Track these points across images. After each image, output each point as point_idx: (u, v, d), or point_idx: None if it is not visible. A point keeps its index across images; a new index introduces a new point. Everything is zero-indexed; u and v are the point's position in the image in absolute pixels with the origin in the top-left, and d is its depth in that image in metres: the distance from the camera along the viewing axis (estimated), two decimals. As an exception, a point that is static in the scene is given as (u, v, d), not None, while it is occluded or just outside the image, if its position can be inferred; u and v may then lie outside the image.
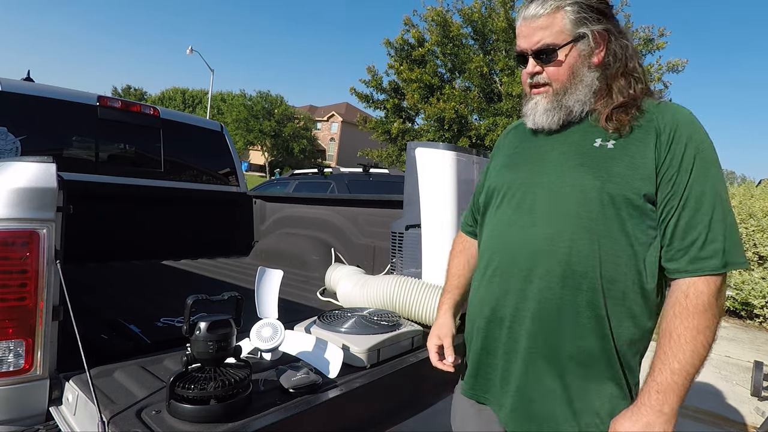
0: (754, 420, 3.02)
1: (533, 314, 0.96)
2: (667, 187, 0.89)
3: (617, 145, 0.94)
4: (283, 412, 1.03)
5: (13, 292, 1.09)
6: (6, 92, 2.48)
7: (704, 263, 0.86)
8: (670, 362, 0.84)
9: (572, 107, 1.00)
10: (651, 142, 0.91)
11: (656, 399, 0.83)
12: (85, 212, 1.76)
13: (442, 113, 12.77)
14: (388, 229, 2.21)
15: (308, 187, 5.68)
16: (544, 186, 0.99)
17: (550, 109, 1.01)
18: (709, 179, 0.89)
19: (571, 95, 1.00)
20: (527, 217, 0.99)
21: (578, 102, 1.00)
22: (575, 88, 1.00)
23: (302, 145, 36.78)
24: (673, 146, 0.90)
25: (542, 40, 0.99)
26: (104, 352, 1.27)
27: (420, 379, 1.45)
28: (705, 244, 0.86)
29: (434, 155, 1.97)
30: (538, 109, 1.03)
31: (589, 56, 1.00)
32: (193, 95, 48.00)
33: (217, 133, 3.50)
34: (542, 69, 1.01)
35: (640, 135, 0.93)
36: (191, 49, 22.30)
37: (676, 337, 0.84)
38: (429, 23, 13.60)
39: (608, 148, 0.94)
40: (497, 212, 1.07)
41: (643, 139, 0.92)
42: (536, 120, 1.03)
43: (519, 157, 1.11)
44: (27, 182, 1.11)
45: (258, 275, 1.40)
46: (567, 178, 0.96)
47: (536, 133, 1.09)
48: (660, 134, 0.91)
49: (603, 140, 0.96)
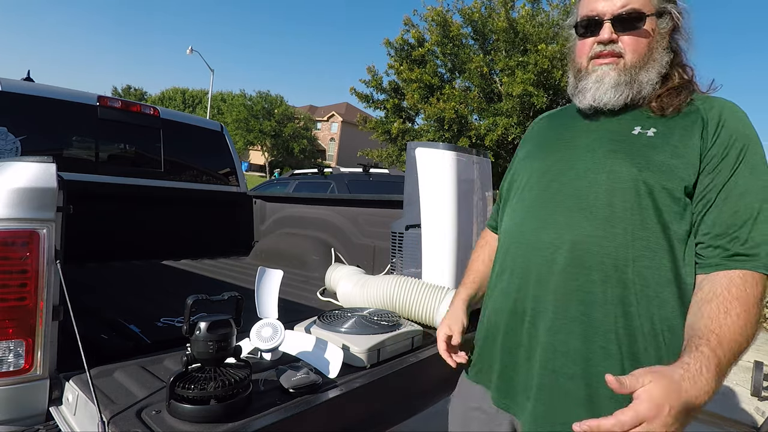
0: (754, 420, 3.02)
1: (555, 307, 0.88)
2: (709, 179, 0.82)
3: (658, 134, 0.87)
4: (283, 412, 1.03)
5: (13, 292, 1.09)
6: (6, 92, 2.48)
7: (749, 262, 0.77)
8: (729, 335, 0.72)
9: (643, 86, 0.90)
10: (697, 131, 0.84)
11: (701, 366, 0.69)
12: (85, 212, 1.76)
13: (442, 113, 12.76)
14: (388, 229, 2.21)
15: (308, 187, 5.68)
16: (572, 173, 0.91)
17: (620, 84, 0.90)
18: (761, 177, 0.81)
19: (646, 72, 0.90)
20: (551, 206, 0.92)
21: (649, 82, 0.90)
22: (650, 65, 0.90)
23: (302, 145, 36.77)
24: (720, 138, 0.83)
25: (629, 4, 0.89)
26: (104, 352, 1.27)
27: (420, 379, 1.45)
28: (748, 240, 0.78)
29: (434, 155, 1.97)
30: (605, 82, 0.91)
31: (666, 36, 0.92)
32: (193, 95, 47.99)
33: (217, 133, 3.50)
34: (618, 37, 0.91)
35: (686, 123, 0.86)
36: (191, 49, 22.30)
37: (734, 316, 0.74)
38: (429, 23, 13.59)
39: (648, 136, 0.87)
40: (518, 201, 1.01)
41: (689, 128, 0.85)
42: (599, 96, 0.91)
43: (545, 145, 1.03)
44: (27, 182, 1.11)
45: (258, 275, 1.40)
46: (599, 165, 0.88)
47: (569, 121, 1.01)
48: (707, 124, 0.85)
49: (643, 128, 0.89)
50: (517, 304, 0.96)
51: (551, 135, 1.04)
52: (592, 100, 0.92)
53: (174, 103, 45.99)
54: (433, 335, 1.63)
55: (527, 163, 1.03)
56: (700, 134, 0.84)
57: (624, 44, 0.90)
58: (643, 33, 0.90)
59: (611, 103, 0.91)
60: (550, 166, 0.96)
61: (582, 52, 0.96)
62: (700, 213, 0.83)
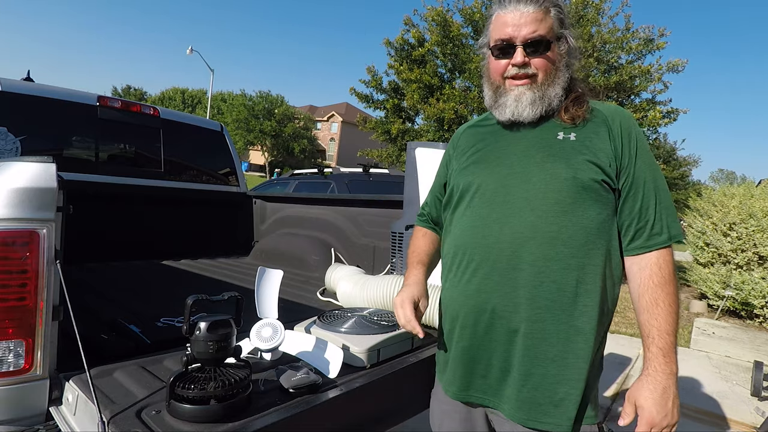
0: (754, 420, 3.02)
1: (529, 300, 0.99)
2: (624, 176, 1.01)
3: (578, 138, 1.03)
4: (283, 412, 1.03)
5: (13, 292, 1.09)
6: (6, 92, 2.48)
7: (658, 239, 0.99)
8: (665, 326, 0.94)
9: (552, 100, 1.06)
10: (604, 133, 1.03)
11: (665, 362, 0.93)
12: (85, 212, 1.76)
13: (442, 113, 12.76)
14: (388, 229, 2.20)
15: (308, 187, 5.68)
16: (518, 178, 1.04)
17: (535, 101, 1.05)
18: (652, 166, 1.03)
19: (553, 88, 1.06)
20: (504, 209, 1.03)
21: (556, 96, 1.06)
22: (556, 82, 1.06)
23: (302, 145, 36.79)
24: (623, 138, 1.03)
25: (537, 31, 1.03)
26: (104, 352, 1.27)
27: (420, 379, 1.44)
28: (655, 222, 0.99)
29: (434, 155, 1.97)
30: (523, 101, 1.06)
31: (564, 56, 1.08)
32: (192, 95, 48.01)
33: (217, 133, 3.50)
34: (529, 60, 1.04)
35: (594, 127, 1.04)
36: (191, 49, 22.30)
37: (662, 304, 0.95)
38: (429, 23, 13.58)
39: (571, 140, 1.03)
40: (468, 210, 1.10)
41: (597, 131, 1.04)
42: (518, 112, 1.06)
43: (483, 154, 1.14)
44: (27, 182, 1.11)
45: (258, 275, 1.40)
46: (541, 169, 1.02)
47: (495, 132, 1.15)
48: (610, 127, 1.04)
49: (564, 133, 1.05)
50: (484, 303, 1.04)
51: (483, 146, 1.15)
52: (511, 115, 1.07)
53: (174, 103, 46.00)
54: (434, 335, 1.63)
55: (469, 174, 1.13)
56: (608, 136, 1.03)
57: (535, 66, 1.05)
58: (549, 56, 1.05)
59: (530, 117, 1.06)
60: (494, 174, 1.08)
61: (497, 71, 1.09)
62: (623, 205, 1.02)
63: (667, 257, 0.99)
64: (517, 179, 1.04)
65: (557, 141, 1.04)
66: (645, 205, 1.00)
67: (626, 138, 1.03)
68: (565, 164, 1.00)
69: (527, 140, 1.08)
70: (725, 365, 4.11)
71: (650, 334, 0.95)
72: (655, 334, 0.95)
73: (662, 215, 1.00)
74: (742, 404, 3.26)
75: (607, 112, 1.07)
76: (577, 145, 1.02)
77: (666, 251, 0.99)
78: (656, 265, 0.98)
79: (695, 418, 2.98)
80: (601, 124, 1.04)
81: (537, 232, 0.99)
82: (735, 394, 3.44)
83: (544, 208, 0.99)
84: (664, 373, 0.93)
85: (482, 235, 1.05)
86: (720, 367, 4.05)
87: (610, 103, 1.16)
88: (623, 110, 1.08)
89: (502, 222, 1.03)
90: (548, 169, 1.01)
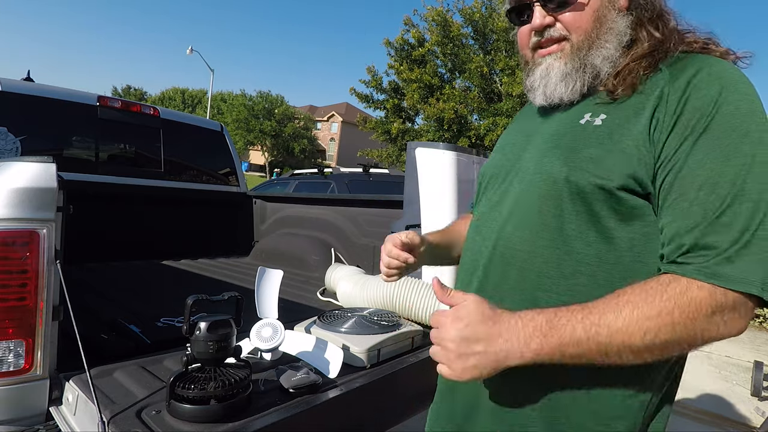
0: (754, 420, 3.02)
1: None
2: (663, 173, 0.63)
3: (607, 120, 0.70)
4: (283, 412, 1.03)
5: (13, 292, 1.09)
6: (6, 92, 2.47)
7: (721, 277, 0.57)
8: (615, 321, 0.58)
9: (599, 67, 0.74)
10: (649, 109, 0.66)
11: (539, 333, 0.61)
12: (85, 212, 1.76)
13: (442, 113, 12.77)
14: (388, 229, 2.20)
15: (308, 187, 5.68)
16: (518, 174, 0.78)
17: (570, 73, 0.74)
18: (736, 158, 0.59)
19: (599, 50, 0.73)
20: (496, 211, 0.80)
21: (607, 60, 0.73)
22: (603, 40, 0.73)
23: (302, 145, 36.78)
24: (679, 111, 0.63)
25: None
26: (104, 352, 1.27)
27: (420, 379, 1.45)
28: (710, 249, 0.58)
29: (434, 155, 1.97)
30: (552, 76, 0.76)
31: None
32: (192, 95, 48.01)
33: (217, 133, 3.50)
34: (554, 19, 0.75)
35: (640, 101, 0.68)
36: (191, 49, 22.30)
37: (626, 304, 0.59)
38: (429, 23, 13.59)
39: (594, 125, 0.71)
40: (478, 204, 0.90)
41: (641, 107, 0.67)
42: (550, 92, 0.77)
43: (509, 138, 0.91)
44: (27, 182, 1.11)
45: (258, 275, 1.40)
46: (538, 165, 0.74)
47: (533, 114, 0.87)
48: (666, 98, 0.65)
49: (592, 115, 0.72)
50: None
51: (516, 129, 0.92)
52: (543, 100, 0.78)
53: (174, 103, 46.00)
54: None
55: (491, 160, 0.92)
56: (650, 114, 0.65)
57: (564, 24, 0.74)
58: (582, 5, 0.73)
59: (566, 97, 0.75)
60: (504, 165, 0.84)
61: (522, 42, 0.82)
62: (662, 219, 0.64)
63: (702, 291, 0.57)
64: (518, 175, 0.79)
65: (577, 126, 0.73)
66: (691, 223, 0.59)
67: (685, 112, 0.63)
68: (563, 160, 0.70)
69: (554, 122, 0.79)
70: (725, 365, 4.11)
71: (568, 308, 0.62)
72: (574, 307, 0.62)
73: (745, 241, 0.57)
74: (742, 404, 3.26)
75: (683, 71, 0.66)
76: (599, 131, 0.69)
77: (713, 288, 0.57)
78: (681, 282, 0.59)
79: (695, 418, 2.98)
80: (653, 92, 0.67)
81: (509, 248, 0.74)
82: (735, 394, 3.44)
83: (525, 218, 0.73)
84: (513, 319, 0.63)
85: (472, 238, 0.86)
86: (720, 367, 4.05)
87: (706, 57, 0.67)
88: (717, 65, 0.66)
89: (489, 227, 0.80)
90: (545, 164, 0.73)
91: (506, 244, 0.75)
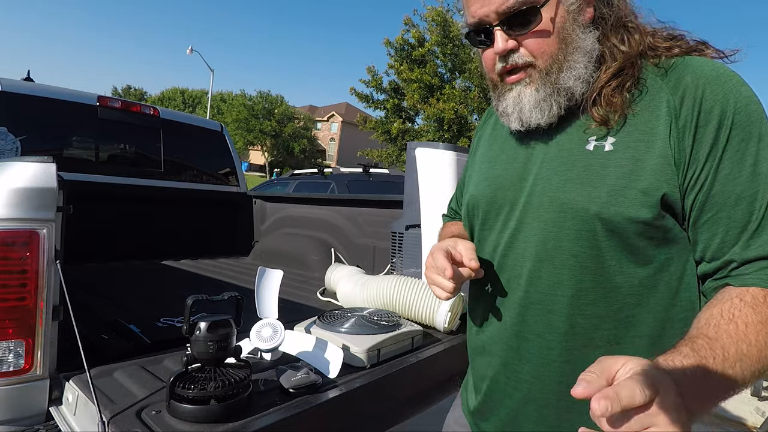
0: (754, 420, 3.02)
1: (529, 385, 0.75)
2: (694, 191, 0.63)
3: (618, 145, 0.66)
4: (283, 412, 1.03)
5: (13, 292, 1.09)
6: (6, 92, 2.48)
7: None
8: (727, 342, 0.55)
9: (573, 88, 0.71)
10: (660, 130, 0.64)
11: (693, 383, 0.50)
12: (85, 212, 1.76)
13: (442, 113, 12.79)
14: (388, 229, 2.21)
15: (308, 187, 5.68)
16: (530, 209, 0.74)
17: (544, 99, 0.72)
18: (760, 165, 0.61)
19: (569, 71, 0.70)
20: (514, 253, 0.76)
21: (579, 79, 0.71)
22: (572, 60, 0.70)
23: (302, 145, 36.79)
24: (699, 122, 0.62)
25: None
26: (104, 352, 1.27)
27: (420, 379, 1.45)
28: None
29: (434, 155, 1.97)
30: (525, 103, 0.73)
31: (579, 11, 0.71)
32: (192, 95, 48.02)
33: (217, 133, 3.50)
34: (518, 43, 0.71)
35: (647, 117, 0.66)
36: (191, 49, 22.30)
37: (743, 326, 0.56)
38: (429, 23, 13.60)
39: (606, 152, 0.67)
40: (482, 233, 0.85)
41: (648, 127, 0.65)
42: (526, 118, 0.74)
43: (498, 162, 0.84)
44: (27, 182, 1.11)
45: (258, 275, 1.40)
46: (554, 200, 0.71)
47: (514, 132, 0.81)
48: (677, 112, 0.63)
49: (598, 139, 0.69)
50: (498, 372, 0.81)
51: (504, 147, 0.85)
52: (520, 125, 0.75)
53: (174, 103, 45.98)
54: (434, 335, 1.63)
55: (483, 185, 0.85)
56: (668, 130, 0.63)
57: (528, 49, 0.71)
58: (545, 26, 0.69)
59: (543, 122, 0.73)
60: (505, 196, 0.79)
61: (488, 66, 0.77)
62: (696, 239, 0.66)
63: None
64: (530, 211, 0.75)
65: (585, 153, 0.69)
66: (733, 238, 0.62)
67: (704, 122, 0.62)
68: (585, 195, 0.67)
69: (553, 149, 0.75)
70: (725, 365, 4.11)
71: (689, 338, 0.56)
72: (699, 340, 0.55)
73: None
74: (742, 404, 3.26)
75: (678, 79, 0.65)
76: (614, 158, 0.66)
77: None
78: (761, 293, 0.59)
79: (695, 418, 2.99)
80: (660, 107, 0.65)
81: (546, 297, 0.72)
82: (735, 394, 3.45)
83: (557, 261, 0.71)
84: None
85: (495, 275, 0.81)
86: (720, 367, 4.05)
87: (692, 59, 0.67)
88: (710, 68, 0.65)
89: (513, 269, 0.77)
90: (564, 199, 0.70)
91: (543, 290, 0.72)
